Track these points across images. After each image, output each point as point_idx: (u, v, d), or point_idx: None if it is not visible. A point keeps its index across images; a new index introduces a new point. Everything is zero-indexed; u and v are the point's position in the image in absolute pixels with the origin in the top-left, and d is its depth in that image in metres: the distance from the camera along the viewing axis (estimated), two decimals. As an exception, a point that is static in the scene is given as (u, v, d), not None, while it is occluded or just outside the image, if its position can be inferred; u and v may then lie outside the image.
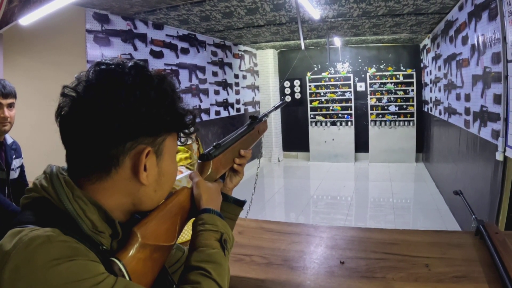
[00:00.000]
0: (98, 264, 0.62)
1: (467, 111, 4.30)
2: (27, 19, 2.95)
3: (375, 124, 8.91)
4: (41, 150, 3.01)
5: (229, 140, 1.04)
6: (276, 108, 1.46)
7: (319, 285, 1.23)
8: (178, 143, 0.84)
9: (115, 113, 0.68)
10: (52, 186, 0.68)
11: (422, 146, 8.61)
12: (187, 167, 2.53)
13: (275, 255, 1.46)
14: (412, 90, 8.58)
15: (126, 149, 0.70)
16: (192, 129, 0.83)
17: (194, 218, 0.86)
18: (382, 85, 8.82)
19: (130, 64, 0.74)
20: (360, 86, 9.15)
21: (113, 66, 0.72)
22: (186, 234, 1.52)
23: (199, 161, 0.95)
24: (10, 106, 2.06)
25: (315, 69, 9.41)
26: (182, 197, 0.87)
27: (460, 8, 4.49)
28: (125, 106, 0.68)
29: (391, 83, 8.73)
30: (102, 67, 0.72)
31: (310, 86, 9.33)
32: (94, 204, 0.69)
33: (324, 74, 9.28)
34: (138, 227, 0.73)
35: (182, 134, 0.83)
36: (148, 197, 0.77)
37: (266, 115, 1.30)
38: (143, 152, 0.71)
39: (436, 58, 6.51)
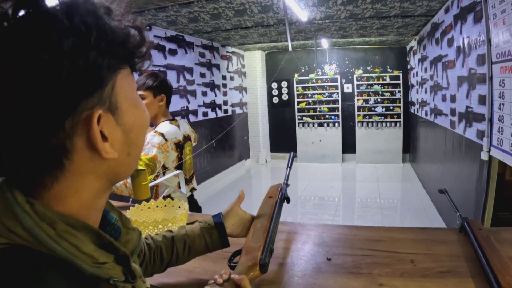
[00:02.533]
0: None
1: (452, 112, 4.35)
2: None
3: (362, 125, 8.98)
4: None
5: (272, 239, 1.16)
6: (289, 167, 1.54)
7: (306, 281, 1.23)
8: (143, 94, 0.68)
9: (24, 102, 0.46)
10: (21, 226, 0.48)
11: (409, 147, 8.70)
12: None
13: (262, 252, 1.46)
14: (399, 92, 8.67)
15: (68, 129, 0.50)
16: (144, 49, 0.60)
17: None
18: (369, 87, 8.90)
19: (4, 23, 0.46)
20: (347, 88, 9.22)
21: None
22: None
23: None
24: None
25: (303, 70, 9.46)
26: None
27: (446, 11, 4.55)
28: (30, 90, 0.46)
29: (378, 84, 8.82)
30: None
31: (297, 87, 9.37)
32: (83, 228, 0.54)
33: (312, 76, 9.32)
34: None
35: (136, 60, 0.60)
36: (123, 165, 0.61)
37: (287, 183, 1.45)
38: (92, 121, 0.52)
39: (422, 60, 6.58)
